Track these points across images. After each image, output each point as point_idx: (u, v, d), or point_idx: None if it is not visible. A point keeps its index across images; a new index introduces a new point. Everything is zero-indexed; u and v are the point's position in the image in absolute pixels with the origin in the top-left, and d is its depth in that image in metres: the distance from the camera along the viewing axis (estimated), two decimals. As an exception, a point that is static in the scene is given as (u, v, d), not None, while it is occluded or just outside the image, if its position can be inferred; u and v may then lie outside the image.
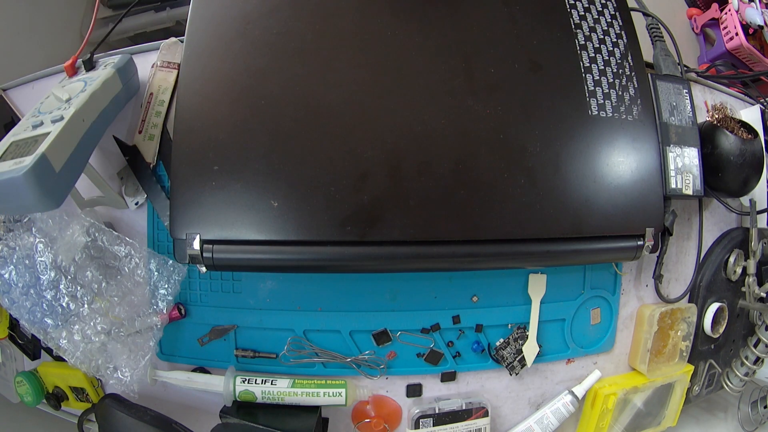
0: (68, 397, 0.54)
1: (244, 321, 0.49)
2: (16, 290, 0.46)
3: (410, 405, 0.51)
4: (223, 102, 0.39)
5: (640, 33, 0.50)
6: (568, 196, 0.41)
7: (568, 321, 0.53)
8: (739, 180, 0.53)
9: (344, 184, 0.38)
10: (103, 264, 0.48)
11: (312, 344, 0.49)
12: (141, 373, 0.47)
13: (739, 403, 0.64)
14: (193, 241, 0.38)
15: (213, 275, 0.49)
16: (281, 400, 0.47)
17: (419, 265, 0.42)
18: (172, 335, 0.50)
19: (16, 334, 0.55)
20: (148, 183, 0.48)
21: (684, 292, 0.57)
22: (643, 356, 0.55)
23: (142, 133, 0.48)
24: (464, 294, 0.50)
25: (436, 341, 0.50)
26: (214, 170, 0.38)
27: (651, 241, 0.44)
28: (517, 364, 0.52)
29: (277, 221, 0.38)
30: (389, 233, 0.38)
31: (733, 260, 0.58)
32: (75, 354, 0.46)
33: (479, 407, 0.51)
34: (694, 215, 0.58)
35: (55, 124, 0.38)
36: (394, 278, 0.49)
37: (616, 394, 0.53)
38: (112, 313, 0.47)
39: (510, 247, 0.41)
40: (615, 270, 0.54)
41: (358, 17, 0.42)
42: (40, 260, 0.46)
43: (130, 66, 0.48)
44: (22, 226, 0.48)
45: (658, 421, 0.59)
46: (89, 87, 0.42)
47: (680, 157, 0.49)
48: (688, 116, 0.51)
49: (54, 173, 0.36)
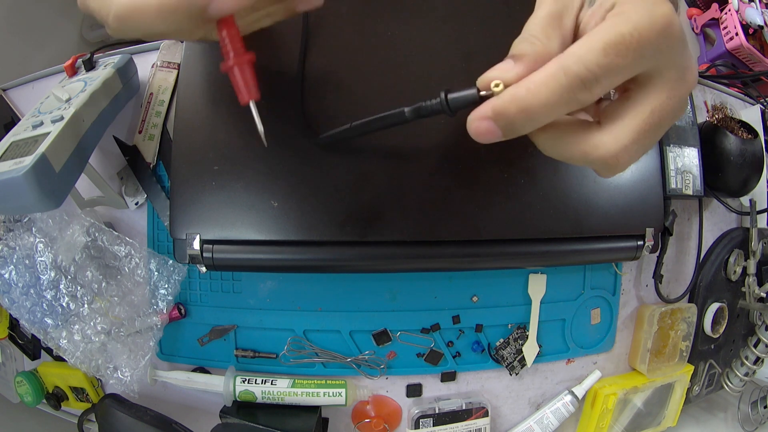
0: (68, 397, 0.54)
1: (244, 321, 0.49)
2: (16, 290, 0.46)
3: (410, 405, 0.51)
4: (223, 102, 0.39)
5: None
6: (568, 196, 0.41)
7: (568, 321, 0.53)
8: (739, 180, 0.53)
9: (344, 184, 0.38)
10: (103, 264, 0.48)
11: (312, 344, 0.49)
12: (141, 373, 0.47)
13: (739, 403, 0.64)
14: (193, 241, 0.38)
15: (213, 275, 0.49)
16: (281, 400, 0.47)
17: (419, 265, 0.42)
18: (172, 335, 0.50)
19: (16, 334, 0.55)
20: (148, 183, 0.48)
21: (684, 292, 0.57)
22: (643, 356, 0.55)
23: (142, 133, 0.48)
24: (464, 294, 0.50)
25: (436, 341, 0.50)
26: (214, 170, 0.38)
27: (651, 241, 0.44)
28: (517, 364, 0.52)
29: (277, 221, 0.38)
30: (389, 233, 0.38)
31: (733, 260, 0.58)
32: (75, 354, 0.46)
33: (479, 407, 0.51)
34: (694, 215, 0.58)
35: (55, 124, 0.38)
36: (394, 278, 0.49)
37: (616, 394, 0.53)
38: (112, 313, 0.47)
39: (510, 247, 0.41)
40: (615, 270, 0.54)
41: (358, 16, 0.42)
42: (40, 260, 0.46)
43: (130, 66, 0.48)
44: (22, 226, 0.48)
45: (658, 421, 0.59)
46: (89, 87, 0.42)
47: (680, 157, 0.49)
48: (688, 116, 0.51)
49: (54, 173, 0.36)
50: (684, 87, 0.24)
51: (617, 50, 0.22)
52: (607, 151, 0.24)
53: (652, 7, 0.23)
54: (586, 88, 0.23)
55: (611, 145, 0.24)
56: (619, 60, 0.22)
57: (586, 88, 0.23)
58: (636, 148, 0.24)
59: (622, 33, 0.22)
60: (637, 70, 0.24)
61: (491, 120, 0.24)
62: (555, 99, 0.23)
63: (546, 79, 0.23)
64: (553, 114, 0.24)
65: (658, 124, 0.24)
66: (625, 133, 0.24)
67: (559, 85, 0.23)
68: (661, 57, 0.23)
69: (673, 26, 0.23)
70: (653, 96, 0.24)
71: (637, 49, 0.22)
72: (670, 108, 0.24)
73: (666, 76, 0.24)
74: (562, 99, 0.23)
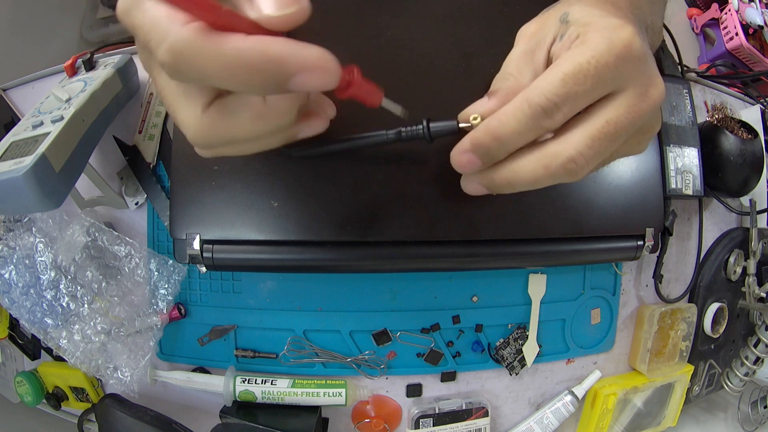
0: (68, 397, 0.54)
1: (244, 321, 0.49)
2: (16, 290, 0.46)
3: (410, 405, 0.51)
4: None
5: (640, 33, 0.50)
6: (567, 196, 0.41)
7: (568, 321, 0.53)
8: (739, 180, 0.53)
9: (344, 184, 0.38)
10: (103, 264, 0.48)
11: (312, 344, 0.49)
12: (141, 373, 0.47)
13: (739, 403, 0.64)
14: (193, 241, 0.38)
15: (213, 275, 0.49)
16: (281, 400, 0.47)
17: (419, 265, 0.42)
18: (172, 335, 0.50)
19: (16, 334, 0.55)
20: (148, 183, 0.48)
21: (684, 292, 0.57)
22: (643, 356, 0.55)
23: (142, 133, 0.48)
24: (464, 294, 0.50)
25: (436, 341, 0.50)
26: (214, 170, 0.38)
27: (651, 241, 0.44)
28: (517, 364, 0.52)
29: (277, 221, 0.38)
30: (389, 233, 0.38)
31: (733, 260, 0.58)
32: (75, 354, 0.46)
33: (479, 407, 0.51)
34: (694, 215, 0.58)
35: (55, 124, 0.38)
36: (394, 278, 0.49)
37: (616, 394, 0.53)
38: (112, 313, 0.47)
39: (510, 247, 0.41)
40: (615, 270, 0.54)
41: (354, 15, 0.42)
42: (40, 260, 0.46)
43: (130, 66, 0.48)
44: (22, 226, 0.48)
45: (658, 421, 0.59)
46: (89, 87, 0.42)
47: (680, 157, 0.49)
48: (688, 116, 0.51)
49: (54, 173, 0.36)
50: (646, 103, 0.25)
51: (575, 79, 0.24)
52: (565, 157, 0.25)
53: (611, 33, 0.24)
54: (547, 116, 0.25)
55: (568, 150, 0.25)
56: (578, 87, 0.24)
57: (548, 116, 0.25)
58: (591, 154, 0.25)
59: (580, 62, 0.24)
60: (598, 94, 0.25)
61: (470, 152, 0.27)
62: (521, 127, 0.25)
63: (513, 111, 0.25)
64: (521, 140, 0.26)
65: (614, 133, 0.25)
66: (579, 139, 0.25)
67: (524, 114, 0.25)
68: (621, 78, 0.25)
69: (631, 49, 0.24)
70: (610, 109, 0.25)
71: (594, 75, 0.24)
72: (628, 122, 0.25)
73: (626, 94, 0.25)
74: (527, 126, 0.25)
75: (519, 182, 0.27)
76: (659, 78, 0.26)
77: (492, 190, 0.29)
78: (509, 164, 0.27)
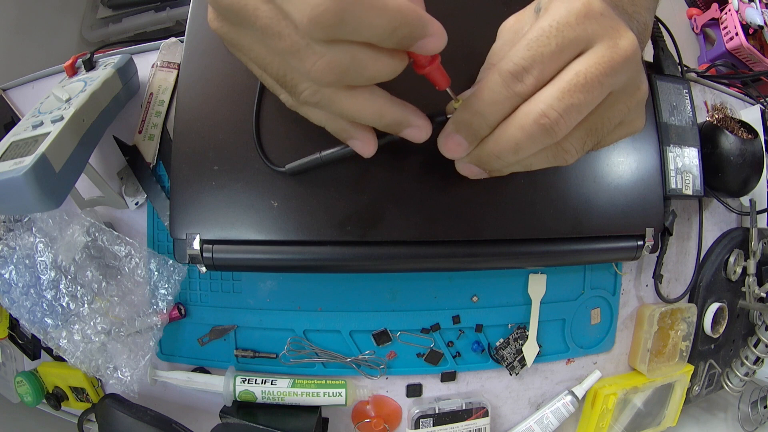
0: (68, 397, 0.54)
1: (244, 321, 0.49)
2: (16, 290, 0.46)
3: (410, 405, 0.51)
4: (223, 102, 0.39)
5: (640, 33, 0.50)
6: (568, 196, 0.41)
7: (568, 321, 0.53)
8: (739, 180, 0.53)
9: (344, 183, 0.38)
10: (103, 264, 0.48)
11: (312, 344, 0.49)
12: (141, 373, 0.47)
13: (739, 403, 0.64)
14: (193, 241, 0.38)
15: (213, 275, 0.49)
16: (281, 400, 0.47)
17: (419, 265, 0.42)
18: (172, 335, 0.50)
19: (16, 334, 0.55)
20: (148, 183, 0.48)
21: (684, 292, 0.57)
22: (643, 356, 0.55)
23: (142, 133, 0.48)
24: (464, 294, 0.50)
25: (436, 341, 0.50)
26: (214, 170, 0.38)
27: (651, 241, 0.44)
28: (517, 364, 0.52)
29: (277, 221, 0.38)
30: (389, 233, 0.38)
31: (733, 260, 0.58)
32: (75, 354, 0.46)
33: (479, 407, 0.51)
34: (694, 215, 0.58)
35: (55, 124, 0.38)
36: (394, 278, 0.49)
37: (616, 394, 0.53)
38: (112, 313, 0.47)
39: (510, 247, 0.41)
40: (615, 270, 0.54)
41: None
42: (40, 260, 0.46)
43: (130, 66, 0.48)
44: (22, 226, 0.48)
45: (658, 421, 0.59)
46: (89, 87, 0.42)
47: (680, 157, 0.49)
48: (688, 116, 0.51)
49: (54, 173, 0.36)
50: (617, 53, 0.26)
51: (539, 42, 0.25)
52: (536, 112, 0.26)
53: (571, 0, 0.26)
54: (518, 80, 0.26)
55: (539, 106, 0.26)
56: (542, 49, 0.25)
57: (518, 80, 0.26)
58: (563, 107, 0.25)
59: (542, 27, 0.26)
60: (567, 55, 0.26)
61: (455, 133, 0.29)
62: (496, 95, 0.26)
63: (486, 83, 0.27)
64: (498, 109, 0.27)
65: (584, 84, 0.25)
66: (549, 94, 0.26)
67: (496, 83, 0.26)
68: (586, 36, 0.26)
69: (590, 7, 0.26)
70: (578, 63, 0.26)
71: (557, 35, 0.25)
72: (599, 71, 0.26)
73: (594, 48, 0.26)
74: (501, 95, 0.26)
75: (502, 151, 0.28)
76: (629, 32, 0.27)
77: (482, 166, 0.31)
78: (492, 136, 0.28)
